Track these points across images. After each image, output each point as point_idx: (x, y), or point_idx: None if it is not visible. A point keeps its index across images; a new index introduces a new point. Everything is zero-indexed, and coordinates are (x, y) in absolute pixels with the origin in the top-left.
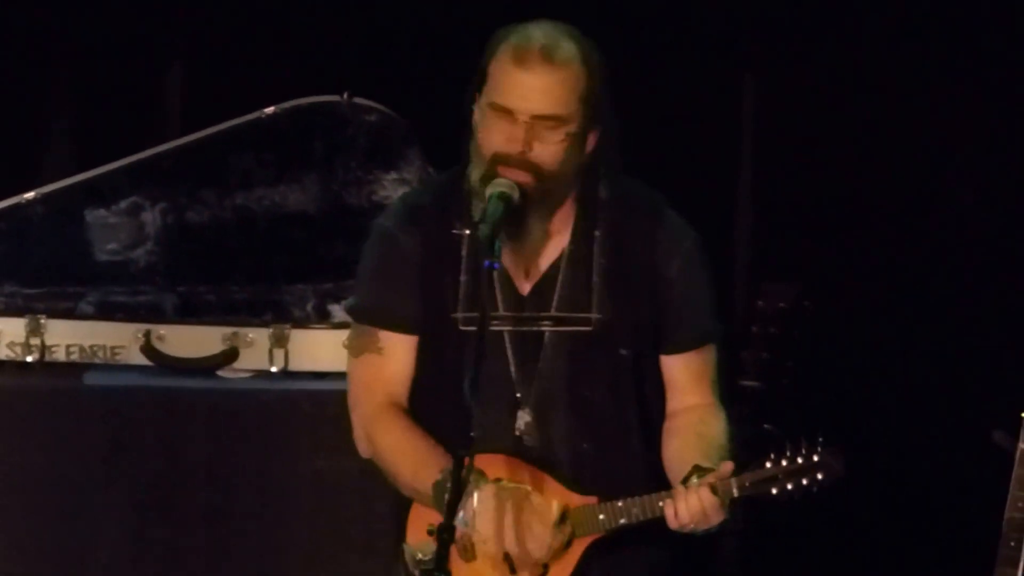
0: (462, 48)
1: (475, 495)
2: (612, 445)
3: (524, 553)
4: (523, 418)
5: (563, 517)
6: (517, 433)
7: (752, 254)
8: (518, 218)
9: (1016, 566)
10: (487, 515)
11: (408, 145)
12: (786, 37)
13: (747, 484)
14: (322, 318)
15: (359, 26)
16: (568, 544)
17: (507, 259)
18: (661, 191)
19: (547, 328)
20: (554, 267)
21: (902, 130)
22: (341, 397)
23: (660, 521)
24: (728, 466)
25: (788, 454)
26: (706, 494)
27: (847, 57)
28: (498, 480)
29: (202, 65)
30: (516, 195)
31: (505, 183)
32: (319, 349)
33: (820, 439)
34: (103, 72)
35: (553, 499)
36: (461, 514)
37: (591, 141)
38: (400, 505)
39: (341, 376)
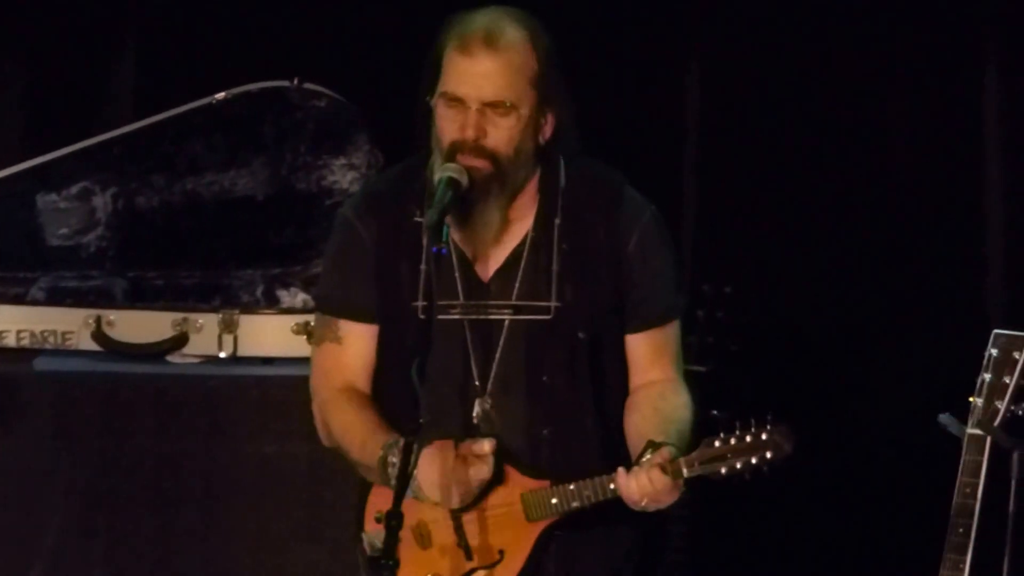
0: (411, 33)
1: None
2: (569, 428)
3: (468, 492)
4: (481, 405)
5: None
6: (475, 420)
7: (697, 236)
8: (476, 204)
9: (964, 552)
10: (428, 466)
11: (357, 130)
12: (731, 34)
13: (695, 463)
14: (271, 303)
15: (308, 11)
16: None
17: (468, 245)
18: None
19: (507, 316)
20: (515, 254)
21: (847, 118)
22: (289, 383)
23: (613, 502)
24: (667, 451)
25: (736, 433)
26: (656, 474)
27: (794, 53)
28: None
29: (153, 50)
30: (465, 180)
31: (454, 168)
32: (268, 334)
33: (768, 418)
34: (53, 57)
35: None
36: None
37: (548, 125)
38: (359, 494)
39: (289, 362)
